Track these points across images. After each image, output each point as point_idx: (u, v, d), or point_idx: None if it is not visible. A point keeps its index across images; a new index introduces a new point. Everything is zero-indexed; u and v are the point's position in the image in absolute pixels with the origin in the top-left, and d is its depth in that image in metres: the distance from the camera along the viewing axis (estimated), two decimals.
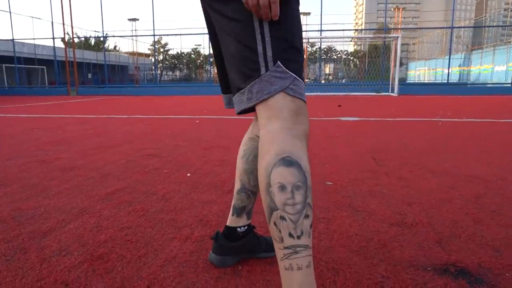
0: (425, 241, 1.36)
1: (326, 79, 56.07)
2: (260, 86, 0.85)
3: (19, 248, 1.32)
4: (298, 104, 0.87)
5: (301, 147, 0.84)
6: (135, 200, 1.85)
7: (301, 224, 0.81)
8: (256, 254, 1.23)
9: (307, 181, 0.82)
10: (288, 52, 0.86)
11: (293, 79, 0.86)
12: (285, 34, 0.86)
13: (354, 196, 1.91)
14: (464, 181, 2.17)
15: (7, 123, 5.38)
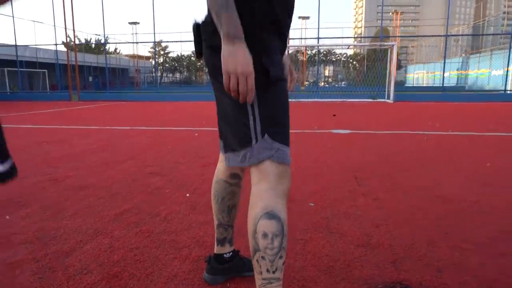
0: (382, 261, 1.65)
1: (325, 81, 56.43)
2: (251, 154, 1.11)
3: (48, 267, 1.60)
4: (281, 169, 1.12)
5: (282, 204, 1.11)
6: (141, 221, 2.13)
7: (277, 263, 1.08)
8: (241, 273, 1.51)
9: (283, 231, 1.09)
10: (274, 127, 1.11)
11: (277, 149, 1.11)
12: (272, 112, 1.11)
13: (331, 217, 2.20)
14: (431, 202, 2.46)
15: (16, 135, 5.67)
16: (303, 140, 5.15)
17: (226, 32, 0.98)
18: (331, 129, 6.19)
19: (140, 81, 45.47)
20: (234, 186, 1.43)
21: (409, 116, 8.80)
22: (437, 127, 6.49)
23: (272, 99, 1.12)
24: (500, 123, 6.99)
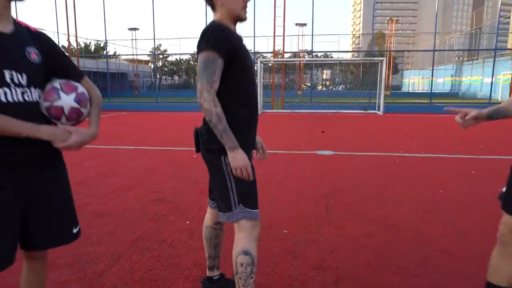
0: (328, 282, 2.30)
1: (323, 85, 57.06)
2: (233, 215, 1.77)
3: (88, 285, 2.25)
4: (252, 223, 1.77)
5: (253, 245, 1.76)
6: (152, 247, 2.78)
7: (248, 281, 1.74)
8: None
9: (253, 262, 1.74)
10: (246, 198, 1.76)
11: (249, 212, 1.76)
12: (245, 189, 1.76)
13: (299, 243, 2.85)
14: (380, 230, 3.11)
15: None
16: (288, 163, 5.81)
17: (228, 146, 1.65)
18: (316, 150, 6.85)
19: (139, 85, 46.07)
20: (218, 230, 2.09)
21: (392, 132, 9.47)
22: (414, 147, 7.16)
23: (243, 180, 1.77)
24: (473, 142, 7.67)
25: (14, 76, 1.36)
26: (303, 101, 20.47)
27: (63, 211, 1.59)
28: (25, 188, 1.43)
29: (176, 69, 61.36)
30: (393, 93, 38.65)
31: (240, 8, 1.74)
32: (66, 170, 1.65)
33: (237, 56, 1.67)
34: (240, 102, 1.73)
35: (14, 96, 1.36)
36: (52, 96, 1.46)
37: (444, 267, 2.49)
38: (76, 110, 1.51)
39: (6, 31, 1.39)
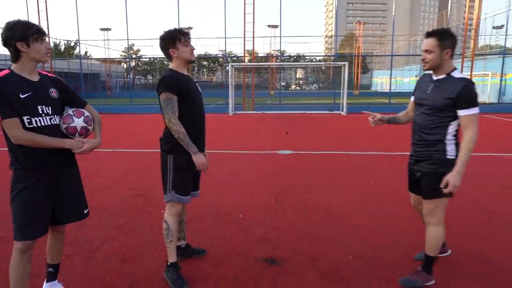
0: (268, 248, 3.15)
1: (297, 84, 58.34)
2: (166, 197, 2.60)
3: (87, 257, 2.99)
4: (173, 204, 2.60)
5: (171, 218, 2.61)
6: (134, 230, 3.55)
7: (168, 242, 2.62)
8: (192, 255, 2.97)
9: (168, 229, 2.59)
10: (177, 187, 2.57)
11: (178, 197, 2.59)
12: (178, 182, 2.57)
13: (250, 224, 3.69)
14: (316, 214, 4.00)
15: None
16: (251, 162, 6.67)
17: (193, 152, 2.47)
18: (278, 150, 7.73)
19: (112, 85, 45.72)
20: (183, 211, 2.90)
21: (349, 132, 10.52)
22: (363, 146, 8.18)
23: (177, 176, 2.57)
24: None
25: (44, 109, 2.13)
26: (275, 101, 21.42)
27: (77, 197, 2.37)
28: (55, 181, 2.19)
29: (150, 69, 61.16)
30: (362, 93, 40.33)
31: (189, 55, 2.59)
32: (78, 168, 2.41)
33: (183, 92, 2.49)
34: (189, 122, 2.54)
35: (44, 122, 2.12)
36: (68, 120, 2.23)
37: (359, 238, 3.40)
38: (85, 128, 2.28)
39: (35, 80, 2.15)
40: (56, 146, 2.12)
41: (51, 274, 2.46)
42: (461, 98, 2.33)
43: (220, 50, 47.92)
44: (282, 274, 2.77)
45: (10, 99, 1.99)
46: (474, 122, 2.35)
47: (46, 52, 2.13)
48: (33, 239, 2.13)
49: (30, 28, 2.04)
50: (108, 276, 2.73)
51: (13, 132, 2.01)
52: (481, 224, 3.72)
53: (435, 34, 2.41)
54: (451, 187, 2.34)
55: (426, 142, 2.51)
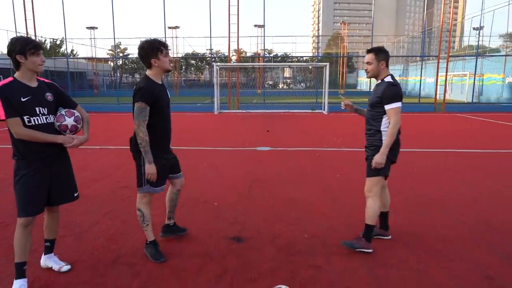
0: (235, 230, 3.65)
1: (285, 83, 58.93)
2: (142, 189, 3.04)
3: (78, 237, 3.45)
4: (145, 194, 3.06)
5: (144, 206, 3.06)
6: (121, 216, 4.01)
7: (145, 226, 3.08)
8: (177, 233, 3.45)
9: (143, 215, 3.05)
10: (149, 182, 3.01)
11: (153, 189, 3.03)
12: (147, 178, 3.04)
13: (222, 210, 4.19)
14: (283, 202, 4.52)
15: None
16: (231, 157, 7.17)
17: (147, 161, 2.90)
18: (257, 146, 8.25)
19: (98, 84, 45.60)
20: (175, 194, 3.36)
21: (327, 130, 11.09)
22: (337, 143, 8.75)
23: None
24: None
25: (41, 110, 2.60)
26: (259, 101, 21.94)
27: (69, 182, 2.83)
28: (50, 169, 2.65)
29: (137, 67, 61.06)
30: (347, 92, 41.12)
31: (168, 65, 3.01)
32: (69, 158, 2.87)
33: (155, 101, 2.90)
34: (158, 126, 2.98)
35: (41, 120, 2.59)
36: (61, 119, 2.69)
37: (317, 221, 3.93)
38: (75, 126, 2.75)
39: (34, 86, 2.61)
40: (50, 141, 2.58)
41: (48, 248, 2.92)
42: (383, 95, 3.06)
43: (208, 49, 48.19)
44: (246, 249, 3.28)
45: (13, 102, 2.45)
46: (395, 114, 3.03)
47: (40, 64, 2.55)
48: (33, 215, 2.59)
49: (28, 44, 2.48)
50: (96, 252, 3.20)
51: (15, 129, 2.47)
52: (423, 209, 4.29)
53: (373, 50, 3.17)
54: (374, 164, 3.08)
55: (369, 132, 3.24)
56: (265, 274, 2.85)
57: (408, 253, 3.20)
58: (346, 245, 3.20)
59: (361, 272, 2.89)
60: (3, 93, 2.43)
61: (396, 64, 46.82)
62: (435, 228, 3.72)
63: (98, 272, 2.86)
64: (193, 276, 2.82)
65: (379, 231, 3.49)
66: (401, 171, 6.00)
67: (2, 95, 2.42)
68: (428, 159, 7.00)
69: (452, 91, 31.98)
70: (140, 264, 2.98)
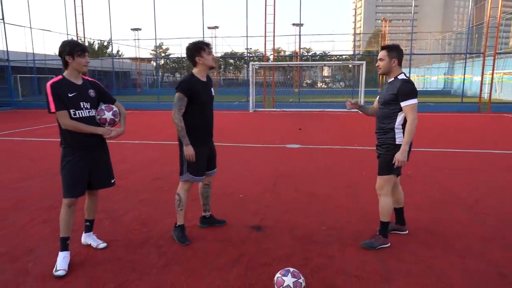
0: (256, 220, 3.87)
1: (323, 82, 58.30)
2: (182, 177, 3.38)
3: (114, 220, 3.83)
4: (187, 182, 3.38)
5: (183, 192, 3.38)
6: (153, 203, 4.37)
7: (178, 211, 3.38)
8: (214, 224, 3.72)
9: (180, 200, 3.37)
10: (190, 168, 3.34)
11: (192, 177, 3.36)
12: (192, 164, 3.34)
13: (246, 202, 4.42)
14: (305, 195, 4.68)
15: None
16: (261, 153, 7.40)
17: (184, 144, 3.24)
18: (287, 144, 8.41)
19: (141, 83, 47.62)
20: (206, 188, 3.64)
21: (359, 129, 11.02)
22: (368, 142, 8.70)
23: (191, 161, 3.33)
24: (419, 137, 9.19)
25: (85, 104, 2.96)
26: (296, 99, 22.00)
27: (107, 169, 3.19)
28: (91, 156, 3.02)
29: (178, 66, 63.04)
30: None
31: (210, 61, 3.29)
32: (108, 148, 3.23)
33: (194, 96, 3.21)
34: (197, 120, 3.29)
35: (84, 114, 2.95)
36: (101, 113, 3.04)
37: (336, 215, 4.06)
38: (113, 120, 3.09)
39: (79, 83, 2.98)
40: (92, 132, 2.94)
41: (88, 227, 3.31)
42: (399, 92, 3.06)
43: (246, 48, 48.80)
44: (264, 237, 3.49)
45: (62, 97, 2.83)
46: (412, 110, 3.04)
47: (85, 65, 2.91)
48: (76, 197, 2.96)
49: (76, 47, 2.87)
50: (129, 234, 3.55)
51: (63, 120, 2.84)
52: (447, 208, 4.28)
53: (385, 47, 3.21)
54: (397, 162, 3.10)
55: (382, 130, 3.25)
56: (279, 259, 3.04)
57: (423, 248, 3.26)
58: (366, 245, 3.24)
59: (373, 263, 3.00)
60: (54, 89, 2.80)
61: (441, 62, 44.85)
62: (455, 226, 3.73)
63: (129, 250, 3.19)
64: (212, 257, 3.07)
65: (396, 226, 3.56)
66: (432, 170, 5.94)
67: (54, 91, 2.79)
68: (463, 159, 6.83)
69: (502, 90, 30.20)
70: (166, 246, 3.28)
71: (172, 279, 2.73)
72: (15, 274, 2.79)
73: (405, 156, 3.09)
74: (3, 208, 4.24)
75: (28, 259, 3.02)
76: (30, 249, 3.21)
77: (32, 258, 3.05)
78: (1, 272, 2.82)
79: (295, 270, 2.45)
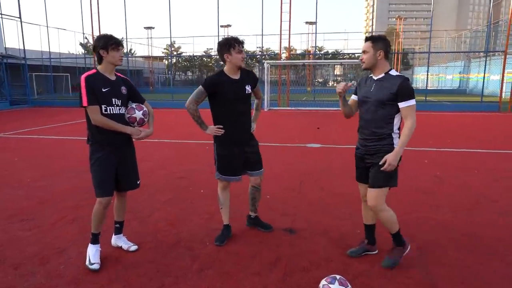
0: (287, 222, 3.75)
1: (335, 80, 57.88)
2: (215, 175, 3.32)
3: (141, 221, 3.75)
4: (220, 181, 3.31)
5: (220, 191, 3.35)
6: (179, 203, 4.29)
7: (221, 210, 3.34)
8: (257, 226, 3.59)
9: (219, 199, 3.33)
10: (220, 168, 3.26)
11: (220, 176, 3.28)
12: (220, 163, 3.25)
13: (274, 202, 4.31)
14: (330, 196, 4.54)
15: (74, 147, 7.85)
16: (282, 153, 7.27)
17: (203, 129, 3.18)
18: (307, 143, 8.27)
19: (154, 81, 47.88)
20: (254, 189, 3.49)
21: None
22: None
23: (219, 160, 3.24)
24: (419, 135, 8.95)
25: (116, 101, 2.87)
26: (309, 98, 21.80)
27: (133, 170, 3.09)
28: (118, 154, 2.92)
29: (189, 65, 63.18)
30: None
31: (239, 60, 3.14)
32: (134, 148, 3.13)
33: (217, 92, 3.11)
34: (223, 116, 3.19)
35: (115, 110, 2.86)
36: (131, 111, 2.96)
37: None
38: (142, 119, 3.00)
39: (113, 79, 2.89)
40: (121, 130, 2.84)
41: (118, 229, 3.22)
42: (400, 91, 2.62)
43: (258, 47, 48.62)
44: (298, 239, 3.37)
45: (96, 91, 2.73)
46: (413, 111, 2.66)
47: (120, 59, 2.84)
48: (110, 195, 2.88)
49: (110, 40, 2.78)
50: (159, 235, 3.46)
51: (93, 116, 2.73)
52: (479, 210, 4.10)
53: (370, 38, 2.74)
54: (387, 165, 2.65)
55: (375, 136, 2.77)
56: (318, 264, 2.92)
57: (465, 253, 3.10)
58: (389, 265, 2.86)
59: (414, 269, 2.86)
60: (89, 82, 2.70)
61: (457, 61, 44.06)
62: (493, 230, 3.55)
63: (160, 253, 3.10)
64: (247, 261, 2.96)
65: (367, 247, 3.11)
66: (461, 171, 5.74)
67: (88, 84, 2.69)
68: (489, 159, 6.60)
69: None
70: (198, 248, 3.18)
71: (209, 283, 2.63)
72: (48, 277, 2.72)
73: (397, 160, 2.67)
74: (29, 207, 4.20)
75: (59, 261, 2.95)
76: (60, 250, 3.14)
77: (63, 260, 2.98)
78: (32, 275, 2.75)
79: (341, 277, 2.32)
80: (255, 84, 3.33)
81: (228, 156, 3.24)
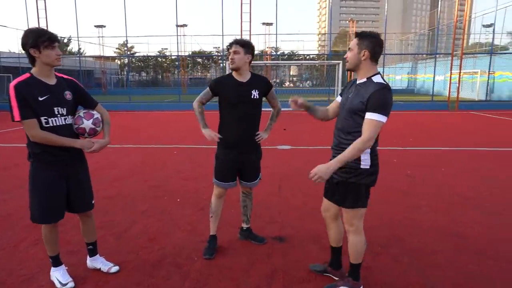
0: (274, 230, 3.61)
1: (291, 81, 58.77)
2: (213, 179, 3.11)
3: (118, 237, 3.43)
4: (215, 187, 3.13)
5: (213, 198, 3.17)
6: (157, 215, 3.99)
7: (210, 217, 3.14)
8: (249, 239, 3.38)
9: (211, 207, 3.15)
10: (215, 173, 3.09)
11: (215, 181, 3.10)
12: (216, 168, 3.08)
13: (257, 209, 4.15)
14: (312, 199, 4.47)
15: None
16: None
17: (201, 127, 3.01)
18: (278, 145, 8.20)
19: (106, 82, 45.72)
20: (244, 196, 3.32)
21: None
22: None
23: (216, 164, 3.06)
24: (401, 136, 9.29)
25: (59, 110, 2.35)
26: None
27: (86, 189, 2.64)
28: (68, 173, 2.49)
29: (144, 65, 61.17)
30: None
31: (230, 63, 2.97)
32: (87, 164, 2.71)
33: (221, 94, 3.01)
34: (225, 117, 3.06)
35: (59, 122, 2.35)
36: (78, 121, 2.49)
37: None
38: (93, 129, 2.51)
39: (52, 83, 2.37)
40: (68, 145, 2.36)
41: (91, 250, 2.86)
42: (369, 100, 2.20)
43: (215, 47, 48.15)
44: (290, 248, 3.25)
45: (30, 102, 2.22)
46: (375, 128, 2.19)
47: (56, 58, 2.31)
48: (56, 222, 2.48)
49: (41, 36, 2.24)
50: (141, 252, 3.17)
51: (31, 132, 2.26)
52: (461, 208, 4.23)
53: (358, 34, 2.34)
54: (314, 174, 2.29)
55: (341, 148, 2.37)
56: (317, 274, 2.81)
57: (457, 253, 3.15)
58: None
59: (411, 273, 2.84)
60: (20, 91, 2.21)
61: (405, 62, 46.52)
62: (477, 228, 3.66)
63: (147, 273, 2.83)
64: (242, 275, 2.79)
65: (329, 269, 2.80)
66: (429, 170, 5.93)
67: (19, 94, 2.20)
68: (455, 157, 6.92)
69: (462, 89, 31.70)
70: (186, 264, 2.95)
71: None
72: None
73: (329, 174, 2.26)
74: None
75: None
76: (28, 277, 2.77)
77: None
78: None
79: None
80: (267, 90, 3.18)
81: (222, 160, 3.08)
